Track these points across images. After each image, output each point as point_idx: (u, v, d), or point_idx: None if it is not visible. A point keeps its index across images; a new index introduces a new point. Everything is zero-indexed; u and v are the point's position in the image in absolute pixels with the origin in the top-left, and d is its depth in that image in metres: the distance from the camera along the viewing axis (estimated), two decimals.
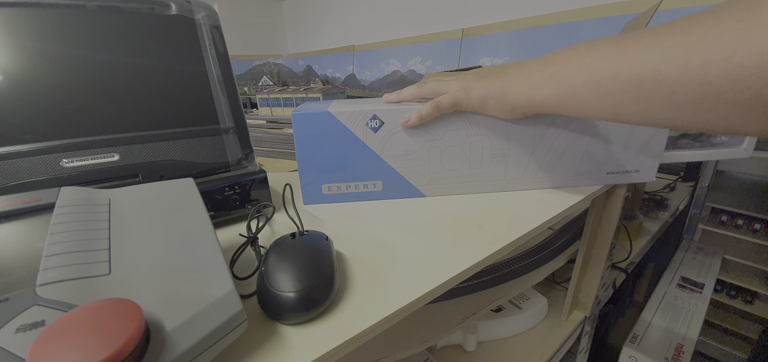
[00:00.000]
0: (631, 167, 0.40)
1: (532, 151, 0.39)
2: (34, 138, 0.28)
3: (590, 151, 0.39)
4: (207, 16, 0.36)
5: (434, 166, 0.38)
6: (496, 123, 0.37)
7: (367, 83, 1.98)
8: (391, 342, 0.37)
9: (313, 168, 0.38)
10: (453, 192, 0.40)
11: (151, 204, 0.23)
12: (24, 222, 0.21)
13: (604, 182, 0.41)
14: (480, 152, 0.38)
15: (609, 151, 0.39)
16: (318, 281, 0.22)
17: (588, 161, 0.40)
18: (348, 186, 0.39)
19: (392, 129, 0.36)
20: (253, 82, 2.24)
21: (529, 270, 0.50)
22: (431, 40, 1.65)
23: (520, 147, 0.38)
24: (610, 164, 0.40)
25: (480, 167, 0.39)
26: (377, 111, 0.36)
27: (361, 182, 0.39)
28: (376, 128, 0.36)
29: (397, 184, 0.39)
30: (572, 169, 0.40)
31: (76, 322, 0.14)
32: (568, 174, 0.40)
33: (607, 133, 0.38)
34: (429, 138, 0.37)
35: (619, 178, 0.41)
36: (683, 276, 0.91)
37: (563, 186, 0.41)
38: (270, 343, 0.19)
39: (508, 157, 0.39)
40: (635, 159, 0.39)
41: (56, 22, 0.30)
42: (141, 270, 0.18)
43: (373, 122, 0.36)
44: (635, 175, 0.40)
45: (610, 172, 0.40)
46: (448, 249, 0.29)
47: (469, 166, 0.39)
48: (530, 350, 0.51)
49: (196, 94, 0.35)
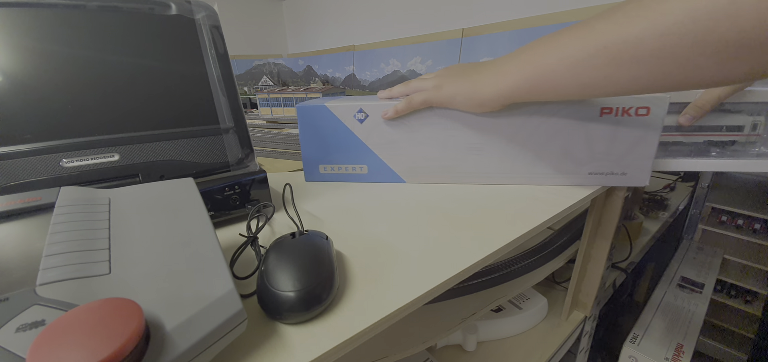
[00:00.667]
0: (616, 169, 0.39)
1: (506, 145, 0.40)
2: (34, 138, 0.28)
3: (569, 148, 0.39)
4: (207, 16, 0.36)
5: (413, 154, 0.43)
6: (469, 117, 0.40)
7: (367, 83, 1.98)
8: (391, 342, 0.37)
9: (313, 150, 0.46)
10: (432, 181, 0.44)
11: (151, 204, 0.23)
12: (24, 222, 0.21)
13: (587, 183, 0.40)
14: (455, 144, 0.41)
15: (590, 149, 0.38)
16: (318, 280, 0.22)
17: (567, 159, 0.39)
18: (340, 168, 0.46)
19: (376, 121, 0.42)
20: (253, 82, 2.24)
21: (529, 270, 0.50)
22: (431, 40, 1.65)
23: (495, 141, 0.40)
24: (591, 164, 0.39)
25: (456, 158, 0.42)
26: (364, 105, 0.42)
27: (350, 165, 0.46)
28: (362, 120, 0.43)
29: (381, 169, 0.45)
30: (550, 166, 0.40)
31: (76, 322, 0.14)
32: (546, 171, 0.40)
33: (587, 131, 0.38)
34: (408, 129, 0.42)
35: (604, 179, 0.40)
36: (683, 276, 0.91)
37: (542, 183, 0.41)
38: (270, 343, 0.19)
39: (483, 151, 0.41)
40: (621, 160, 0.38)
41: (56, 22, 0.30)
42: (141, 270, 0.18)
43: (360, 115, 0.43)
44: (622, 178, 0.39)
45: (593, 173, 0.39)
46: (448, 248, 0.29)
47: (445, 156, 0.42)
48: (530, 350, 0.51)
49: (196, 94, 0.35)
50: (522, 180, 0.41)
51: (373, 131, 0.43)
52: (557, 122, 0.38)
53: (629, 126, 0.36)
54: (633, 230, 0.77)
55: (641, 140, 0.37)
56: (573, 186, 0.40)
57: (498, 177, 0.42)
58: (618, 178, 0.39)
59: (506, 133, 0.39)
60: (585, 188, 0.40)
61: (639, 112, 0.36)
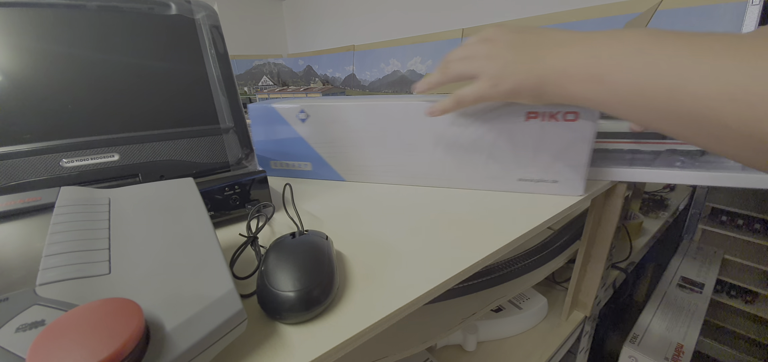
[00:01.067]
0: (547, 177, 0.37)
1: (434, 147, 0.40)
2: (34, 138, 0.28)
3: (495, 153, 0.37)
4: (207, 16, 0.36)
5: (350, 154, 0.44)
6: (403, 116, 0.40)
7: (367, 83, 1.98)
8: (391, 342, 0.37)
9: (264, 147, 0.49)
10: (370, 180, 0.45)
11: (151, 204, 0.23)
12: (24, 222, 0.21)
13: (516, 189, 0.39)
14: (389, 144, 0.42)
15: (516, 155, 0.37)
16: (318, 280, 0.22)
17: (495, 163, 0.38)
18: (288, 164, 0.49)
19: (316, 121, 0.44)
20: (253, 82, 2.24)
21: (529, 270, 0.50)
22: (431, 40, 1.65)
23: (425, 142, 0.40)
24: (519, 170, 0.38)
25: (390, 158, 0.43)
26: (305, 106, 0.44)
27: (296, 162, 0.48)
28: (304, 119, 0.44)
29: (322, 167, 0.47)
30: (479, 170, 0.39)
31: (76, 322, 0.14)
32: (475, 175, 0.39)
33: (512, 135, 0.36)
34: (345, 129, 0.43)
35: (534, 187, 0.38)
36: (683, 276, 0.91)
37: (472, 187, 0.40)
38: (270, 343, 0.19)
39: (415, 152, 0.41)
40: (550, 168, 0.36)
41: (56, 22, 0.30)
42: (141, 270, 0.18)
43: (302, 115, 0.44)
44: (554, 186, 0.37)
45: (522, 179, 0.38)
46: (448, 248, 0.29)
47: (380, 156, 0.43)
48: (530, 350, 0.51)
49: (196, 94, 0.35)
50: (452, 183, 0.41)
51: (314, 130, 0.45)
52: (482, 126, 0.37)
53: (557, 131, 0.35)
54: (633, 230, 0.77)
55: (571, 147, 0.35)
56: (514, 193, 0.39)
57: (431, 179, 0.42)
58: (549, 186, 0.37)
59: (434, 133, 0.39)
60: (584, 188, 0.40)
61: (567, 117, 0.34)
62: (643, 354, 0.65)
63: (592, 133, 0.34)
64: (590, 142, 0.34)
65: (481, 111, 0.36)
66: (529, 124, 0.35)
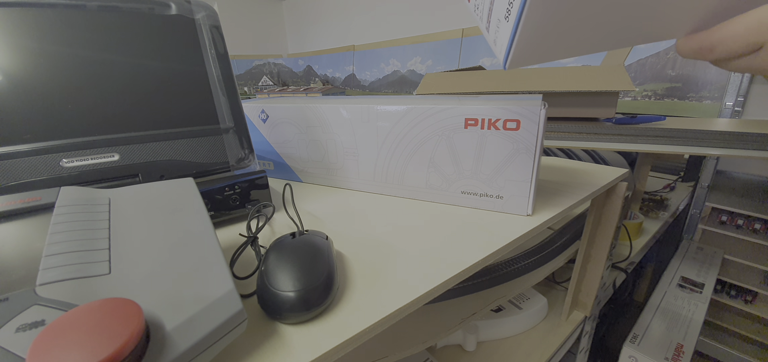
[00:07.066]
0: (491, 191, 0.34)
1: (377, 154, 0.39)
2: (34, 138, 0.28)
3: (436, 161, 0.36)
4: (207, 16, 0.36)
5: (303, 155, 0.45)
6: (343, 121, 0.40)
7: (367, 83, 1.98)
8: (391, 342, 0.37)
9: None
10: (321, 183, 0.46)
11: (151, 204, 0.23)
12: (24, 222, 0.21)
13: (459, 202, 0.37)
14: (334, 148, 0.42)
15: (457, 165, 0.35)
16: (318, 280, 0.22)
17: (436, 173, 0.36)
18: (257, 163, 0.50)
19: (274, 121, 0.45)
20: (253, 82, 2.24)
21: (529, 270, 0.50)
22: (431, 40, 1.65)
23: (368, 147, 0.39)
24: (461, 182, 0.35)
25: (336, 162, 0.43)
26: (265, 107, 0.45)
27: (261, 160, 0.50)
28: (264, 120, 0.46)
29: (282, 167, 0.48)
30: (421, 179, 0.37)
31: (76, 322, 0.14)
32: (417, 185, 0.38)
33: (452, 143, 0.34)
34: (297, 130, 0.44)
35: (478, 201, 0.35)
36: (683, 276, 0.91)
37: (414, 197, 0.39)
38: (270, 343, 0.19)
39: (358, 156, 0.41)
40: (492, 182, 0.34)
41: (56, 22, 0.30)
42: (141, 270, 0.18)
43: (262, 115, 0.46)
44: (499, 202, 0.34)
45: (465, 192, 0.36)
46: (448, 248, 0.29)
47: (327, 159, 0.43)
48: (530, 350, 0.51)
49: (196, 94, 0.35)
50: (395, 191, 0.40)
51: (272, 130, 0.46)
52: (422, 132, 0.35)
53: (498, 141, 0.32)
54: (633, 230, 0.77)
55: (512, 160, 0.32)
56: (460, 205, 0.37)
57: (375, 186, 0.41)
58: (493, 201, 0.35)
59: (376, 138, 0.38)
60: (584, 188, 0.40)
61: (508, 125, 0.31)
62: (643, 353, 0.65)
63: (535, 143, 0.31)
64: (535, 153, 0.31)
65: (421, 116, 0.35)
66: (469, 131, 0.33)
